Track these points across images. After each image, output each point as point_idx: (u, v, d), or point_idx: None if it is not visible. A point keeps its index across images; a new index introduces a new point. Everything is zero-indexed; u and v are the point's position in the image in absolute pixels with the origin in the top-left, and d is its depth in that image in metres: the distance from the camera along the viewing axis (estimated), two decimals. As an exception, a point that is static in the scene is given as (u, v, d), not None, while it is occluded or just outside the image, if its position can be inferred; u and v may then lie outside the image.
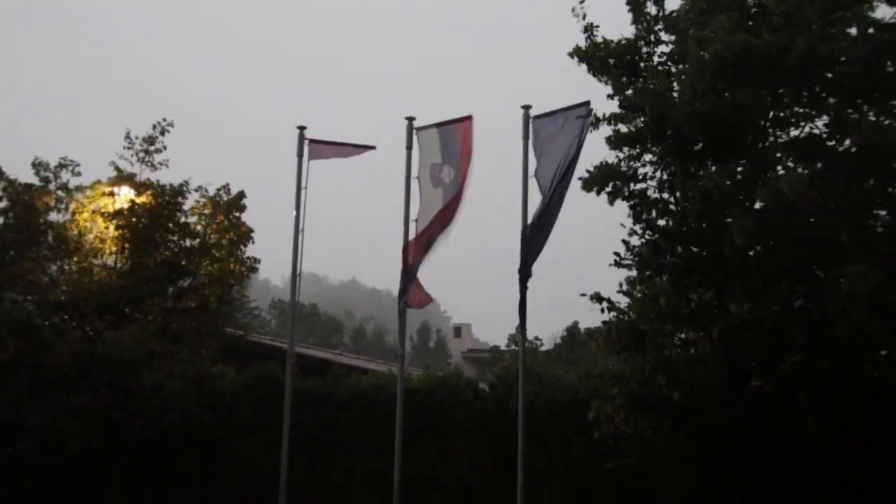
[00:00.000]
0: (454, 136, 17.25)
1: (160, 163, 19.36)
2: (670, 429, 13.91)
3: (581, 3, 14.21)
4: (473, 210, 17.29)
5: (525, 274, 15.78)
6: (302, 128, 17.98)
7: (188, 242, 19.05)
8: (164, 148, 19.50)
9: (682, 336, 14.53)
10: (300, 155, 17.94)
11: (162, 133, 19.37)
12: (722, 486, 14.27)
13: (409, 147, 17.42)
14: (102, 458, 18.23)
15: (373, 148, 18.05)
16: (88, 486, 19.11)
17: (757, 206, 13.18)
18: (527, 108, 16.65)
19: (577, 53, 14.30)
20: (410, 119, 17.58)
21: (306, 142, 17.92)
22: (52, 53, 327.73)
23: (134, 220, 18.15)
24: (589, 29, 14.23)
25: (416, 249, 16.89)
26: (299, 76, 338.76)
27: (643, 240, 14.24)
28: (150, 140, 19.24)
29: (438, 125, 17.42)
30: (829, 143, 13.28)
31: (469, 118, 17.18)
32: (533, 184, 16.33)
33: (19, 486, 19.69)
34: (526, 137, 16.65)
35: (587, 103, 14.98)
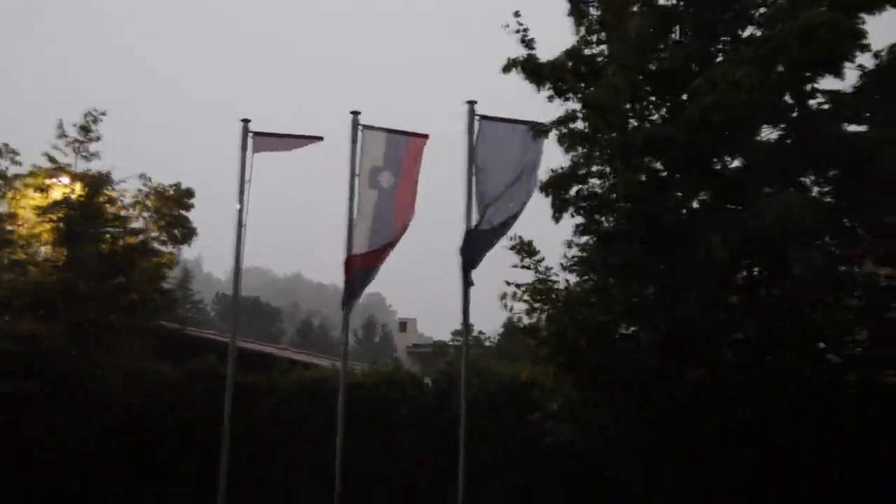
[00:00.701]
0: (401, 148, 17.63)
1: (93, 153, 19.15)
2: (614, 413, 14.27)
3: (516, 15, 14.37)
4: (419, 204, 17.58)
5: (467, 282, 16.43)
6: (246, 120, 18.01)
7: (125, 237, 18.98)
8: (99, 138, 19.21)
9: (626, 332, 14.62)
10: (244, 148, 17.96)
11: (94, 122, 19.05)
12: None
13: (354, 141, 17.56)
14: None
15: (320, 139, 18.16)
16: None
17: None
18: (472, 103, 16.92)
19: (518, 65, 14.47)
20: (356, 113, 17.72)
21: (250, 134, 18.02)
22: (51, 53, 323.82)
23: (64, 212, 18.10)
24: (527, 42, 14.40)
25: (363, 264, 17.30)
26: (299, 76, 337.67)
27: (589, 240, 14.58)
28: (84, 130, 18.97)
29: (388, 130, 17.66)
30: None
31: (425, 137, 17.65)
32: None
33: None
34: (471, 132, 16.94)
35: (542, 125, 15.05)
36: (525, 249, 14.44)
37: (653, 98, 13.96)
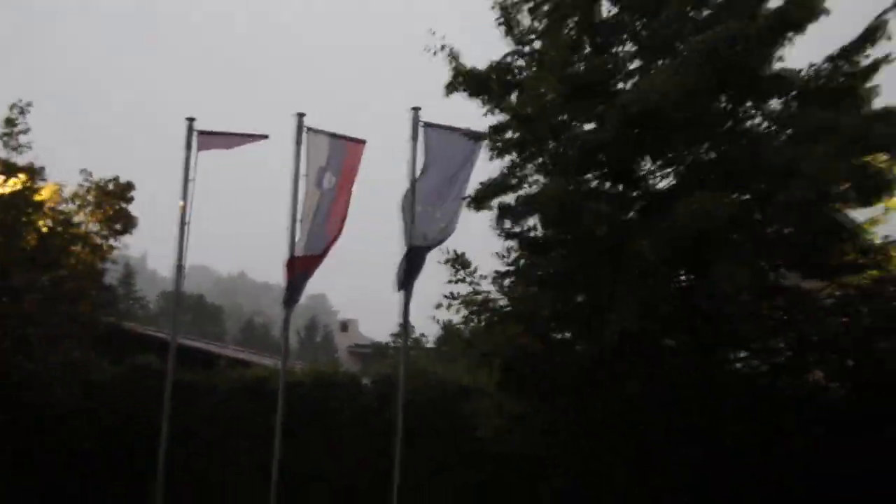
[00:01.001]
0: (343, 151, 18.00)
1: (22, 145, 18.99)
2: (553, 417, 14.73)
3: (434, 33, 14.74)
4: (363, 204, 18.11)
5: (407, 293, 17.05)
6: (191, 119, 18.23)
7: (59, 229, 18.92)
8: (28, 130, 19.12)
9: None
10: (188, 146, 18.15)
11: (21, 113, 18.96)
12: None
13: (298, 143, 17.89)
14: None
15: (265, 137, 18.62)
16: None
17: None
18: (416, 109, 17.38)
19: (457, 82, 14.86)
20: (301, 115, 18.06)
21: (195, 133, 18.20)
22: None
23: None
24: (454, 58, 14.72)
25: (303, 266, 17.73)
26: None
27: (519, 250, 14.96)
28: (10, 122, 18.85)
29: (331, 135, 18.00)
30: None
31: (363, 142, 18.07)
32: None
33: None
34: (414, 139, 17.33)
35: (482, 135, 15.34)
36: (458, 263, 14.82)
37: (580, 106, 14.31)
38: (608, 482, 15.19)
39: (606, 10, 14.82)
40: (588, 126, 14.21)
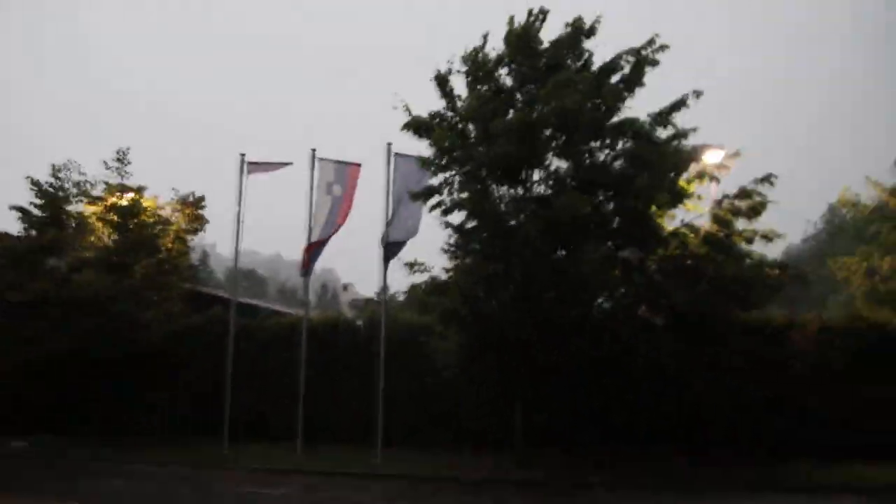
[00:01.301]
0: (346, 171, 18.41)
1: (129, 173, 19.60)
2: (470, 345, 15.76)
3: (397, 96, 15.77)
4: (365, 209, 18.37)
5: (385, 268, 17.38)
6: (243, 154, 18.71)
7: (158, 227, 19.36)
8: (130, 162, 19.58)
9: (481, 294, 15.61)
10: (241, 172, 18.62)
11: (124, 155, 19.50)
12: (516, 391, 16.03)
13: (312, 169, 18.26)
14: (114, 366, 18.64)
15: (290, 164, 18.75)
16: (109, 385, 19.31)
17: None
18: (389, 144, 17.79)
19: (408, 126, 15.69)
20: (313, 150, 18.44)
21: (246, 163, 18.66)
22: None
23: (117, 214, 18.78)
24: (407, 109, 15.69)
25: (315, 248, 17.94)
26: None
27: (454, 236, 15.77)
28: (120, 161, 19.46)
29: (335, 161, 18.45)
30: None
31: (359, 165, 18.47)
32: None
33: (31, 390, 19.72)
34: (388, 164, 17.81)
35: (427, 159, 15.93)
36: (416, 266, 15.71)
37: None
38: (513, 395, 16.05)
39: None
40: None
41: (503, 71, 15.93)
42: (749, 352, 16.21)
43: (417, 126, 15.67)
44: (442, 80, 16.00)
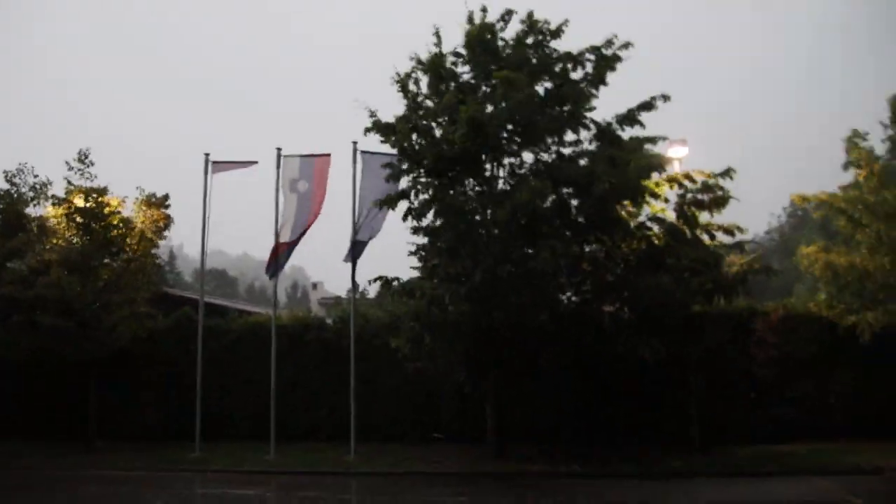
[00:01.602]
0: (312, 164, 18.03)
1: (93, 175, 19.07)
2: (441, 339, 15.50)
3: (370, 112, 15.45)
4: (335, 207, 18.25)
5: (353, 267, 17.30)
6: (207, 154, 18.56)
7: (122, 228, 18.92)
8: (93, 163, 19.07)
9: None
10: (206, 172, 18.50)
11: (86, 156, 19.04)
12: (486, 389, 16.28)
13: (279, 167, 18.03)
14: (82, 368, 18.54)
15: (256, 163, 18.59)
16: (75, 388, 19.20)
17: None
18: (355, 143, 17.62)
19: (370, 129, 15.53)
20: (279, 149, 18.16)
21: (210, 163, 18.52)
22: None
23: (80, 215, 18.46)
24: (373, 114, 15.49)
25: (284, 249, 17.68)
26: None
27: (422, 235, 15.77)
28: (81, 161, 18.99)
29: (301, 156, 18.15)
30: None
31: (328, 156, 18.10)
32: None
33: (20, 387, 19.80)
34: (354, 163, 17.70)
35: (394, 164, 15.79)
36: (383, 281, 15.86)
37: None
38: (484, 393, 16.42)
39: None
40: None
41: (464, 69, 15.88)
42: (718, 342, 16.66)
43: (381, 128, 15.56)
44: (403, 82, 15.88)
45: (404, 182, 15.67)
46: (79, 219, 18.46)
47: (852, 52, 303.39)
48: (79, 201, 18.59)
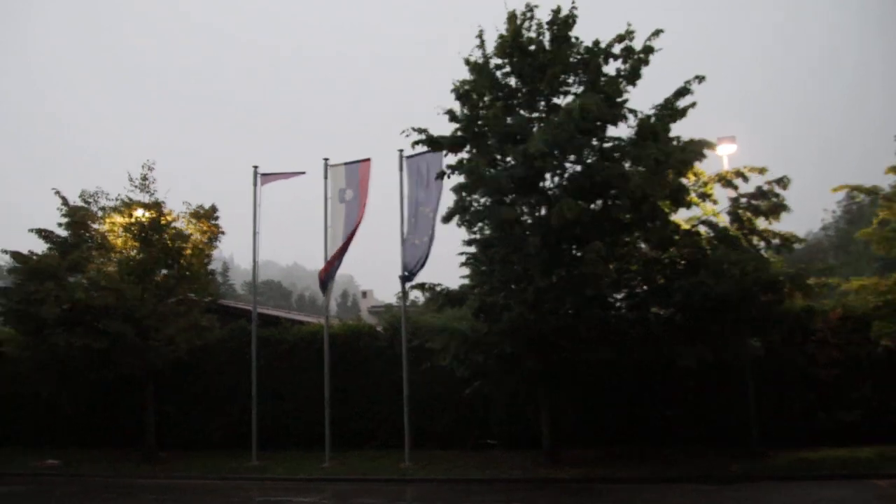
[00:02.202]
0: (356, 171, 18.17)
1: (155, 190, 19.56)
2: (489, 356, 15.45)
3: (405, 135, 15.31)
4: (377, 202, 18.20)
5: (405, 279, 17.16)
6: (256, 166, 18.84)
7: (178, 240, 19.16)
8: (154, 180, 19.57)
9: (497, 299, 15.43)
10: (255, 183, 18.80)
11: (150, 170, 19.55)
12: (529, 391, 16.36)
13: (326, 178, 18.31)
14: (141, 379, 18.83)
15: (304, 173, 18.89)
16: (133, 397, 19.58)
17: None
18: (401, 151, 17.59)
19: (419, 142, 15.45)
20: (326, 160, 18.41)
21: (259, 175, 18.85)
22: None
23: (137, 228, 18.80)
24: (423, 131, 15.32)
25: (334, 260, 17.68)
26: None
27: (475, 246, 15.80)
28: (143, 177, 19.44)
29: (346, 163, 18.35)
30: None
31: (368, 160, 18.20)
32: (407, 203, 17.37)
33: (79, 397, 20.07)
34: (401, 171, 17.66)
35: (442, 171, 15.80)
36: (426, 288, 15.87)
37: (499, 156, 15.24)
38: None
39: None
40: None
41: (504, 72, 15.69)
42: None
43: (432, 142, 15.52)
44: (459, 90, 15.73)
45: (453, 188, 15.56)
46: (136, 232, 18.82)
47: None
48: (138, 215, 19.00)
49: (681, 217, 15.91)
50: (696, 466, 14.70)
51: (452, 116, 15.57)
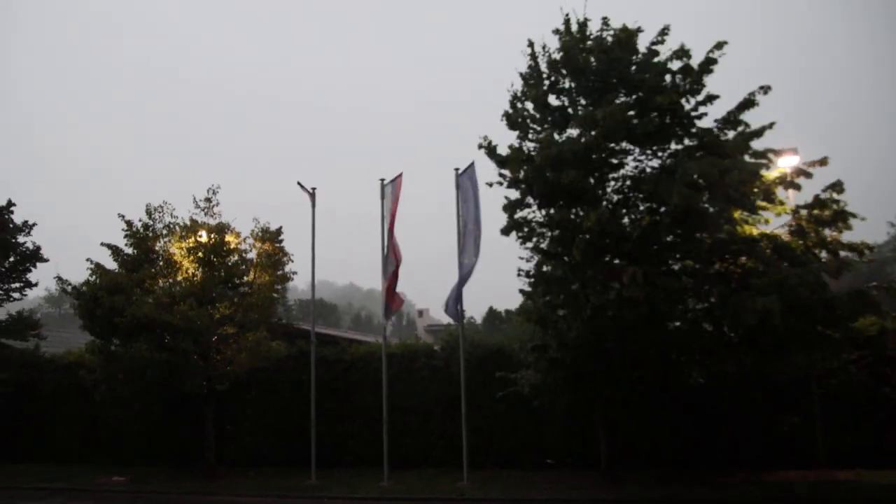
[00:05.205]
0: (394, 188, 17.91)
1: (217, 213, 19.81)
2: (557, 377, 15.20)
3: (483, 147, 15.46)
4: (433, 221, 17.89)
5: (459, 303, 17.03)
6: (314, 188, 19.00)
7: (241, 262, 19.38)
8: (218, 203, 19.90)
9: (562, 314, 15.22)
10: (313, 205, 19.06)
11: (214, 193, 19.86)
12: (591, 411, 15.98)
13: (383, 198, 18.09)
14: (201, 398, 19.01)
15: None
16: (194, 415, 19.69)
17: None
18: (457, 169, 17.49)
19: (487, 153, 15.51)
20: (382, 180, 18.31)
21: (316, 199, 19.07)
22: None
23: (203, 251, 18.95)
24: (488, 145, 15.44)
25: (390, 287, 17.53)
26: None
27: (533, 259, 15.62)
28: (208, 200, 19.79)
29: (392, 181, 18.08)
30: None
31: (400, 175, 18.02)
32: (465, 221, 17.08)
33: (140, 416, 20.89)
34: (458, 187, 17.51)
35: (472, 164, 16.34)
36: (496, 316, 15.72)
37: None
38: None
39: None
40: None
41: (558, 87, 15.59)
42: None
43: (491, 151, 15.52)
44: (512, 103, 15.77)
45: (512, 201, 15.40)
46: (200, 254, 18.99)
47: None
48: (202, 238, 19.19)
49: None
50: (762, 487, 14.20)
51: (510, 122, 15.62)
